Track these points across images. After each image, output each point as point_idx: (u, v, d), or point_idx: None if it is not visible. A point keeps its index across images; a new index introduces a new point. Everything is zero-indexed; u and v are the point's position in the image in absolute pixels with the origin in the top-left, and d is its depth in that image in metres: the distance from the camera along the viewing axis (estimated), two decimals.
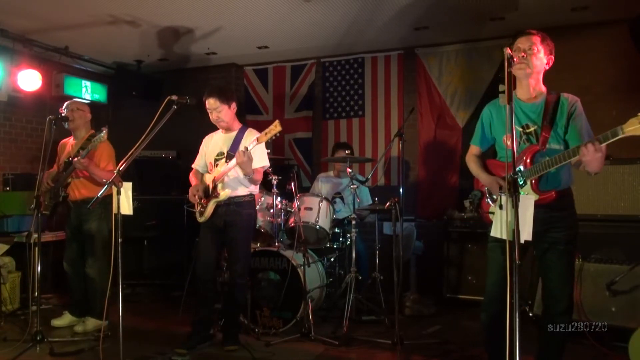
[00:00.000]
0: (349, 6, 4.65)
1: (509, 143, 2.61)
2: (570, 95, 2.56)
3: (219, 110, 3.62)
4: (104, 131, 3.71)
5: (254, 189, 3.74)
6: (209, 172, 3.75)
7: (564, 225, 2.52)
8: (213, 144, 3.78)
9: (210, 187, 3.64)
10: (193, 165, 3.91)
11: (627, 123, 2.10)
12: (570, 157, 2.29)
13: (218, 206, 3.61)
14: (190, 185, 3.79)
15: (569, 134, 2.51)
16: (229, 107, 3.66)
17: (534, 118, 2.55)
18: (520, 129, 2.55)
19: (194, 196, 3.68)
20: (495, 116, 2.73)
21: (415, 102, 5.82)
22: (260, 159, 3.61)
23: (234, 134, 3.70)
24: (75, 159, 3.87)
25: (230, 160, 3.52)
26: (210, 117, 3.68)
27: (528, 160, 2.49)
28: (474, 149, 2.87)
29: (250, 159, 3.39)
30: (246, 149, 3.36)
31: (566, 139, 2.52)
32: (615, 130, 2.14)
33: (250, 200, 3.71)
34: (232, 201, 3.61)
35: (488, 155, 2.84)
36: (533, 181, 2.45)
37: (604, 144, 2.19)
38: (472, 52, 5.58)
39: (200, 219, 3.70)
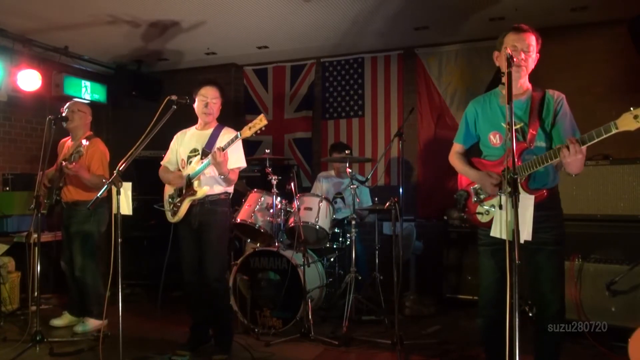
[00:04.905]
0: (349, 6, 4.65)
1: (495, 141, 2.61)
2: (555, 92, 2.53)
3: (215, 102, 3.54)
4: (82, 146, 3.70)
5: (230, 187, 3.62)
6: (180, 170, 3.62)
7: (552, 225, 2.48)
8: (187, 141, 3.64)
9: (184, 185, 3.52)
10: (162, 162, 3.73)
11: (621, 118, 2.08)
12: (553, 157, 2.28)
13: (192, 206, 3.50)
14: (161, 184, 3.66)
15: (554, 132, 2.48)
16: (221, 103, 3.62)
17: (520, 115, 2.51)
18: (507, 127, 2.52)
19: (177, 179, 3.50)
20: (480, 113, 2.68)
21: (415, 102, 5.82)
22: (237, 159, 3.52)
23: (209, 131, 3.58)
24: (64, 163, 3.88)
25: (206, 157, 3.43)
26: (198, 107, 3.53)
27: (516, 159, 2.46)
28: (457, 147, 2.81)
29: (225, 160, 3.32)
30: (222, 149, 3.28)
31: (552, 136, 2.49)
32: (609, 126, 2.11)
33: (225, 198, 3.59)
34: (206, 200, 3.49)
35: (470, 154, 2.79)
36: (522, 180, 2.41)
37: (584, 146, 2.17)
38: (472, 52, 5.58)
39: (173, 219, 3.57)
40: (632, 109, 2.06)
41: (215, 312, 3.60)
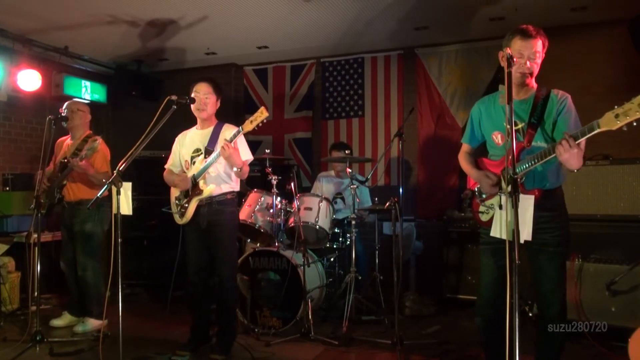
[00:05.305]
0: (349, 6, 4.65)
1: (497, 140, 2.61)
2: (560, 92, 2.51)
3: (207, 97, 3.51)
4: (98, 141, 3.69)
5: (236, 186, 3.61)
6: (184, 171, 3.61)
7: (554, 226, 2.47)
8: (188, 142, 3.63)
9: (190, 185, 3.50)
10: (166, 166, 3.73)
11: (603, 117, 2.07)
12: (548, 154, 2.27)
13: (200, 206, 3.48)
14: (162, 184, 3.65)
15: (556, 131, 2.45)
16: (216, 99, 3.58)
17: (521, 115, 2.50)
18: (508, 127, 2.52)
19: (182, 180, 3.49)
20: (484, 113, 2.68)
21: (415, 102, 5.82)
22: (245, 153, 3.51)
23: (210, 129, 3.57)
24: (73, 159, 3.87)
25: (210, 156, 3.42)
26: (193, 105, 3.49)
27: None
28: (465, 147, 2.84)
29: (236, 150, 3.32)
30: (229, 140, 3.27)
31: (554, 136, 2.46)
32: (592, 125, 2.11)
33: (232, 197, 3.58)
34: (214, 200, 3.48)
35: (479, 153, 2.79)
36: (518, 177, 2.40)
37: (580, 140, 2.14)
38: (472, 52, 5.59)
39: (181, 221, 3.56)
40: (615, 107, 2.05)
41: (223, 311, 3.61)
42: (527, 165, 2.37)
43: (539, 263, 2.50)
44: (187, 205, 3.51)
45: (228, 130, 3.51)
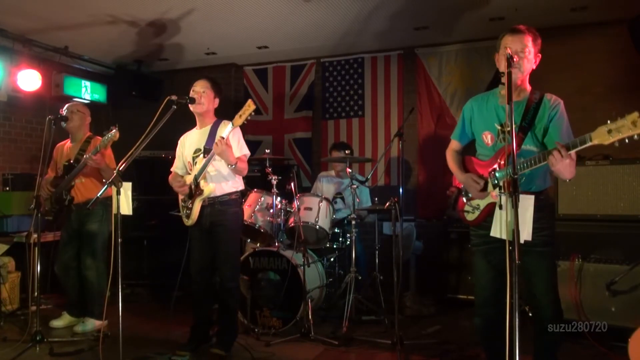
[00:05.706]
0: (349, 6, 4.65)
1: (487, 140, 2.60)
2: (553, 96, 2.49)
3: (204, 91, 3.52)
4: (114, 130, 3.67)
5: (239, 184, 3.61)
6: (188, 173, 3.62)
7: (540, 227, 2.44)
8: (189, 143, 3.65)
9: (192, 185, 3.50)
10: (172, 169, 3.76)
11: (596, 131, 2.06)
12: (538, 162, 2.26)
13: (203, 206, 3.49)
14: (166, 187, 3.66)
15: (547, 137, 2.43)
16: (214, 97, 3.59)
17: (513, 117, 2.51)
18: (499, 127, 2.49)
19: (181, 186, 3.51)
20: (476, 111, 2.65)
21: (415, 102, 5.82)
22: (240, 147, 3.51)
23: (208, 127, 3.57)
24: (86, 155, 3.86)
25: (208, 154, 3.42)
26: (191, 104, 3.51)
27: (502, 162, 2.43)
28: (453, 144, 2.80)
29: (229, 146, 3.32)
30: (222, 137, 3.28)
31: (544, 141, 2.45)
32: (584, 137, 2.10)
33: (236, 198, 3.58)
34: (216, 200, 3.49)
35: (470, 152, 2.77)
36: (506, 183, 2.35)
37: (572, 151, 2.14)
38: (472, 52, 5.59)
39: (188, 222, 3.56)
40: (609, 121, 2.04)
41: (224, 311, 3.60)
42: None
43: (528, 265, 2.48)
44: (191, 206, 3.52)
45: (223, 127, 3.52)
